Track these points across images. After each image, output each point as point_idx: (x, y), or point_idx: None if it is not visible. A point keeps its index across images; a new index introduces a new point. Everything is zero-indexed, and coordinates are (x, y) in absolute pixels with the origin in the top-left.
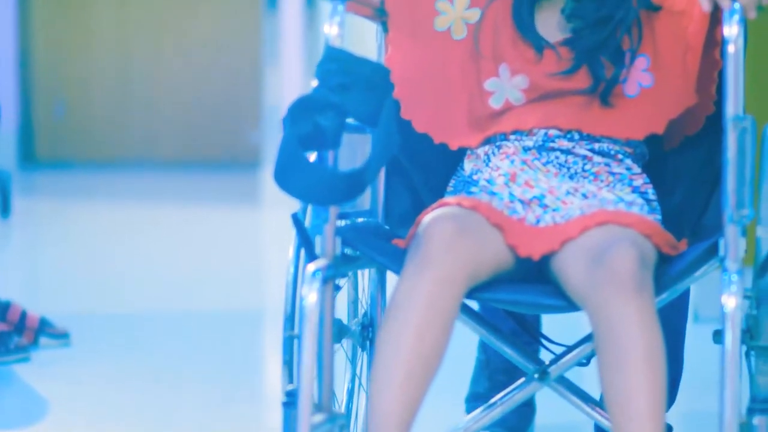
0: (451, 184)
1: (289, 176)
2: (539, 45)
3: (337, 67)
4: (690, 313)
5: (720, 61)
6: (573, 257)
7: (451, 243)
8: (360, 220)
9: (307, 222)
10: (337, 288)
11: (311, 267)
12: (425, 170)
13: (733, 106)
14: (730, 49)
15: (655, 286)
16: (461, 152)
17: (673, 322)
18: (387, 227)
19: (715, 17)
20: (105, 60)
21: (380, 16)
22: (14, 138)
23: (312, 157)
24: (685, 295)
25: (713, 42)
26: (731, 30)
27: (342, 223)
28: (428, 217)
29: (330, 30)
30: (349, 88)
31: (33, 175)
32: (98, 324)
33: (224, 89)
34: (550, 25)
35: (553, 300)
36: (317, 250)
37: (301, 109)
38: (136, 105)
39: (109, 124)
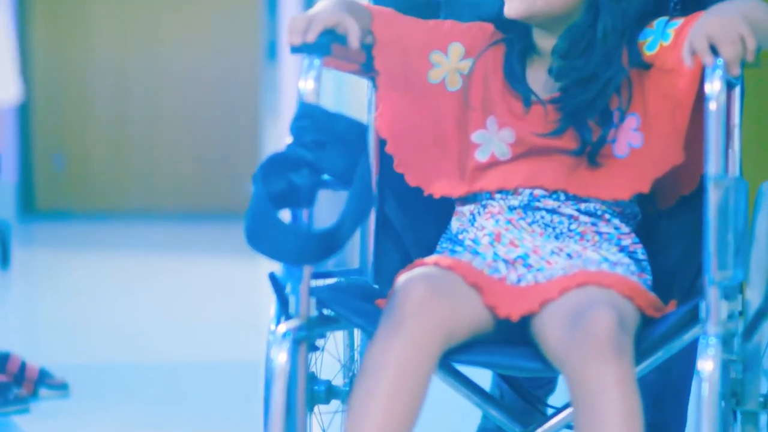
0: (440, 243)
1: (259, 235)
2: (528, 98)
3: (312, 124)
4: None
5: None
6: (551, 319)
7: (424, 304)
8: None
9: None
10: (315, 349)
11: (282, 328)
12: (415, 229)
13: (714, 165)
14: (711, 106)
15: (636, 349)
16: (451, 210)
17: (675, 378)
18: (376, 286)
19: None
20: (104, 112)
21: (366, 71)
22: (14, 189)
23: (286, 215)
24: (691, 349)
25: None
26: (713, 86)
27: (322, 282)
28: (403, 278)
29: (305, 85)
30: (324, 145)
31: (33, 225)
32: (98, 375)
33: (223, 141)
34: (540, 81)
35: (532, 363)
36: (291, 310)
37: (273, 166)
38: (136, 156)
39: (108, 175)
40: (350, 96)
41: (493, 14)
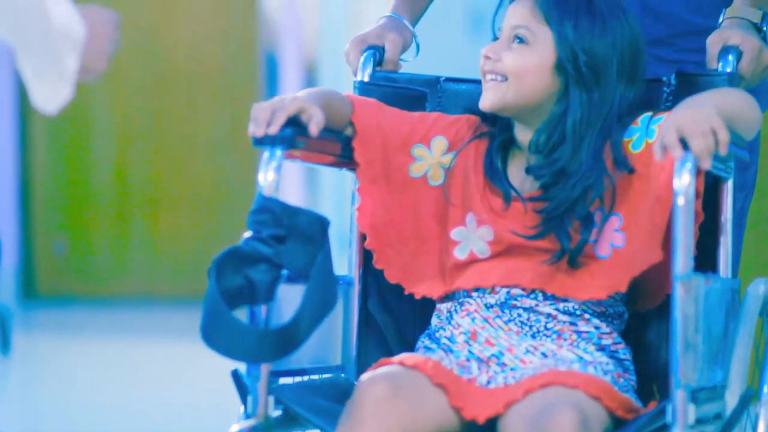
0: (420, 340)
1: (213, 333)
2: (507, 195)
3: (270, 218)
4: None
5: (701, 214)
6: (515, 421)
7: (383, 404)
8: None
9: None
10: None
11: (234, 428)
12: (397, 325)
13: (682, 263)
14: (679, 201)
15: None
16: (434, 307)
17: None
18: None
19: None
20: (105, 197)
21: (344, 162)
22: (14, 274)
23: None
24: None
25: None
26: (681, 181)
27: (292, 380)
28: (365, 377)
29: (264, 177)
30: (284, 239)
31: (33, 311)
32: None
33: (224, 227)
34: (521, 176)
35: None
36: (249, 409)
37: (230, 261)
38: (137, 242)
39: (109, 261)
40: None
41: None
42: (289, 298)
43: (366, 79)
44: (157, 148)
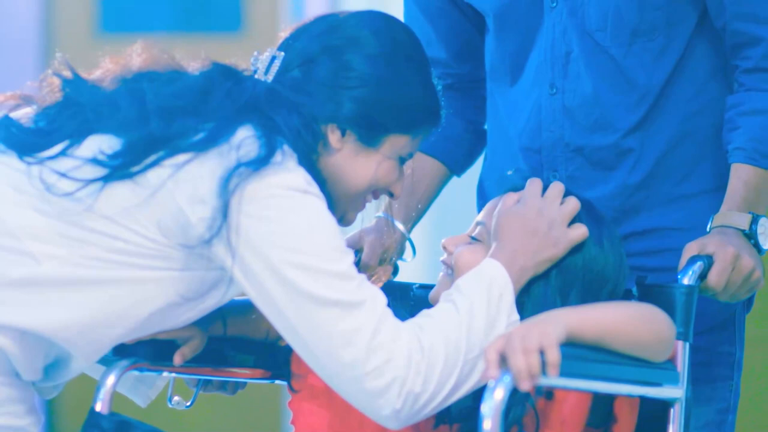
0: None
1: None
2: (438, 416)
3: None
4: None
5: None
6: None
7: None
8: None
9: None
10: None
11: None
12: None
13: None
14: (485, 425)
15: None
16: None
17: None
18: None
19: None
20: None
21: (278, 375)
22: None
23: None
24: None
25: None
26: (492, 402)
27: None
28: None
29: (99, 399)
30: None
31: None
32: None
33: None
34: None
35: None
36: None
37: None
38: None
39: None
40: None
41: None
42: None
43: None
44: None
